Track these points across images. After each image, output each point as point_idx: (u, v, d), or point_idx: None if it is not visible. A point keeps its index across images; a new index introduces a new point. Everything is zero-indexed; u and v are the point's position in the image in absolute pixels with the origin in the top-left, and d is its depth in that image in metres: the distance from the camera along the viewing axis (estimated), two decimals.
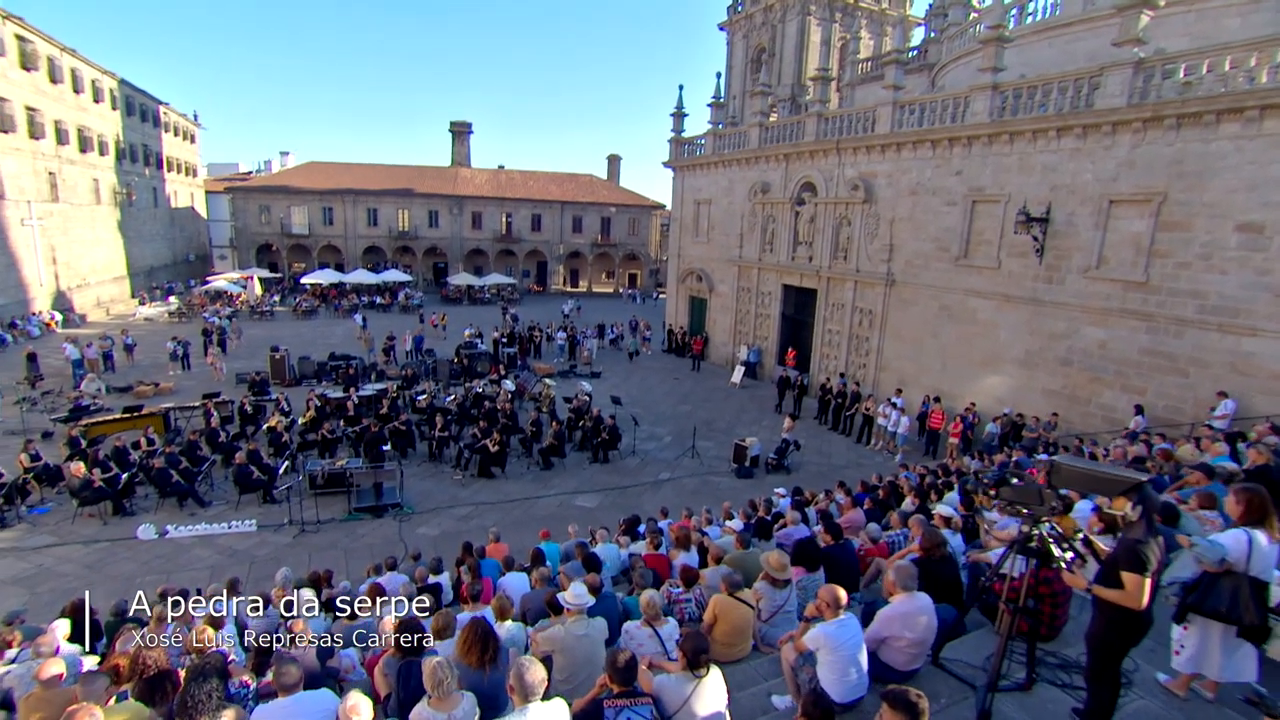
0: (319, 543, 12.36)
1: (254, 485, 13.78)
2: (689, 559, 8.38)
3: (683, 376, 27.86)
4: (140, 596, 7.41)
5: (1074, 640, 4.95)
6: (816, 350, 24.50)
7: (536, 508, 14.35)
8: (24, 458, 13.77)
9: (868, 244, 21.72)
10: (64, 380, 22.30)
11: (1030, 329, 16.92)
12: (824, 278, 23.67)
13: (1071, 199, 15.37)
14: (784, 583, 5.62)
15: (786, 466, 17.19)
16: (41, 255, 32.68)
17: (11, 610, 8.35)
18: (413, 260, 54.15)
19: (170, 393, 21.84)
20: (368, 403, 19.33)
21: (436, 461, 16.59)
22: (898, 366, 21.15)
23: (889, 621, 4.39)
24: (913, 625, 4.31)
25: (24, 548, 11.74)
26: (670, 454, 18.05)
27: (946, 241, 18.97)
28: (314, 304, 41.70)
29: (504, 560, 9.87)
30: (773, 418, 22.08)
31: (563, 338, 30.26)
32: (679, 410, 22.53)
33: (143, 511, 13.27)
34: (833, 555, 6.48)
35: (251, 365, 25.19)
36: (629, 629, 5.05)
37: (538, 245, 56.05)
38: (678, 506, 14.59)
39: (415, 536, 12.77)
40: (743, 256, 27.78)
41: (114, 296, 39.70)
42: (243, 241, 52.58)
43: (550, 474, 16.23)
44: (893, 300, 21.13)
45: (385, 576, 8.70)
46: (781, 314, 26.59)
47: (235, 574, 11.03)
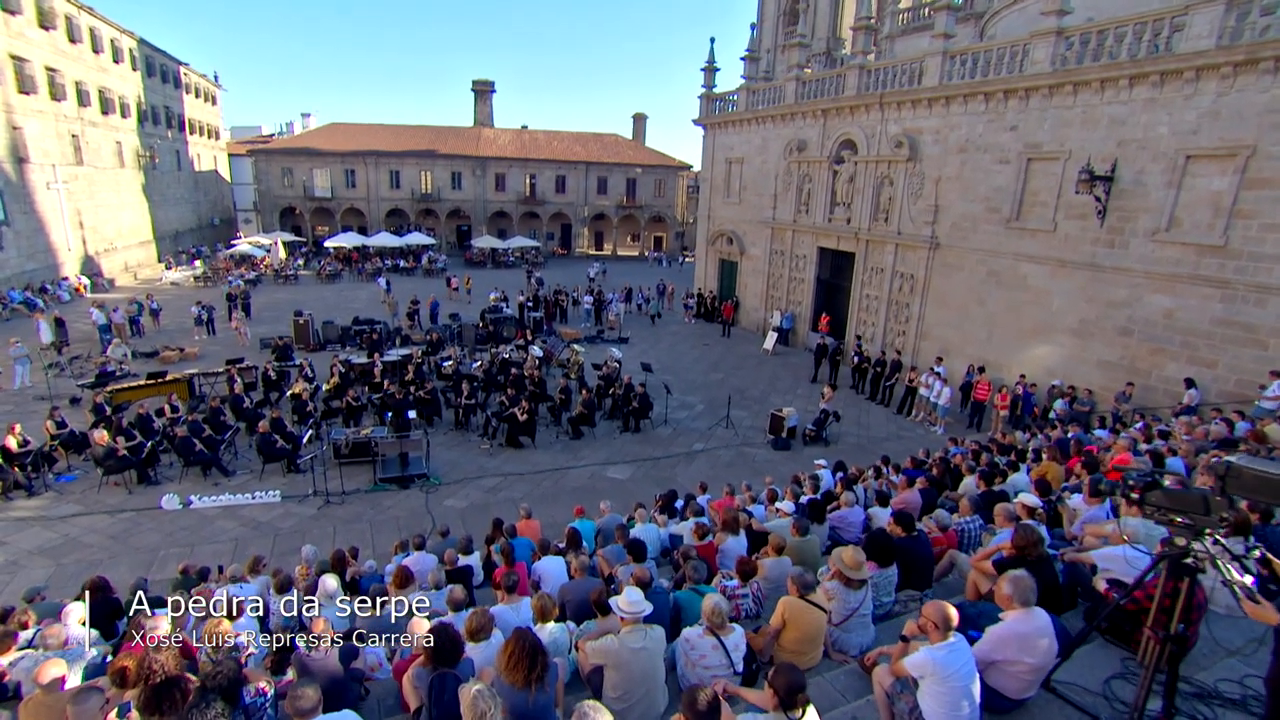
0: (344, 515, 12.01)
1: (278, 454, 13.44)
2: (737, 544, 7.81)
3: (713, 342, 27.11)
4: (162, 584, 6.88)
5: (1205, 662, 4.30)
6: (853, 316, 23.57)
7: (566, 479, 13.87)
8: (50, 424, 13.57)
9: (911, 205, 20.61)
10: (92, 345, 22.20)
11: (1087, 296, 15.88)
12: (863, 240, 22.62)
13: (1141, 155, 14.20)
14: (859, 583, 4.99)
15: (825, 438, 16.51)
16: (68, 220, 32.62)
17: (32, 586, 8.06)
18: (436, 223, 53.54)
19: (195, 358, 21.65)
20: (392, 368, 18.92)
21: (463, 430, 16.15)
22: (939, 334, 20.21)
23: (1002, 643, 3.75)
24: (1032, 648, 3.66)
25: (51, 516, 11.54)
26: (703, 424, 17.44)
27: (997, 202, 17.84)
28: (338, 268, 41.39)
29: (538, 540, 9.41)
30: (807, 386, 21.35)
31: (589, 302, 29.57)
32: (710, 378, 21.85)
33: (167, 480, 13.03)
34: (907, 549, 5.83)
35: (275, 330, 24.92)
36: (689, 638, 4.47)
37: (562, 207, 55.07)
38: (713, 479, 14.07)
39: (442, 509, 12.38)
40: (776, 218, 26.72)
41: (141, 261, 39.71)
42: (266, 205, 52.29)
43: (580, 444, 15.72)
44: (936, 265, 20.10)
45: (413, 557, 8.25)
46: (816, 278, 25.61)
47: (259, 548, 10.76)
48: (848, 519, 8.72)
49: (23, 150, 28.68)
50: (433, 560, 8.39)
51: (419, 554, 8.32)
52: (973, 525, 7.26)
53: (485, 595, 8.05)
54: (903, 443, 16.74)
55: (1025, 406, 15.84)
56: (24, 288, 28.79)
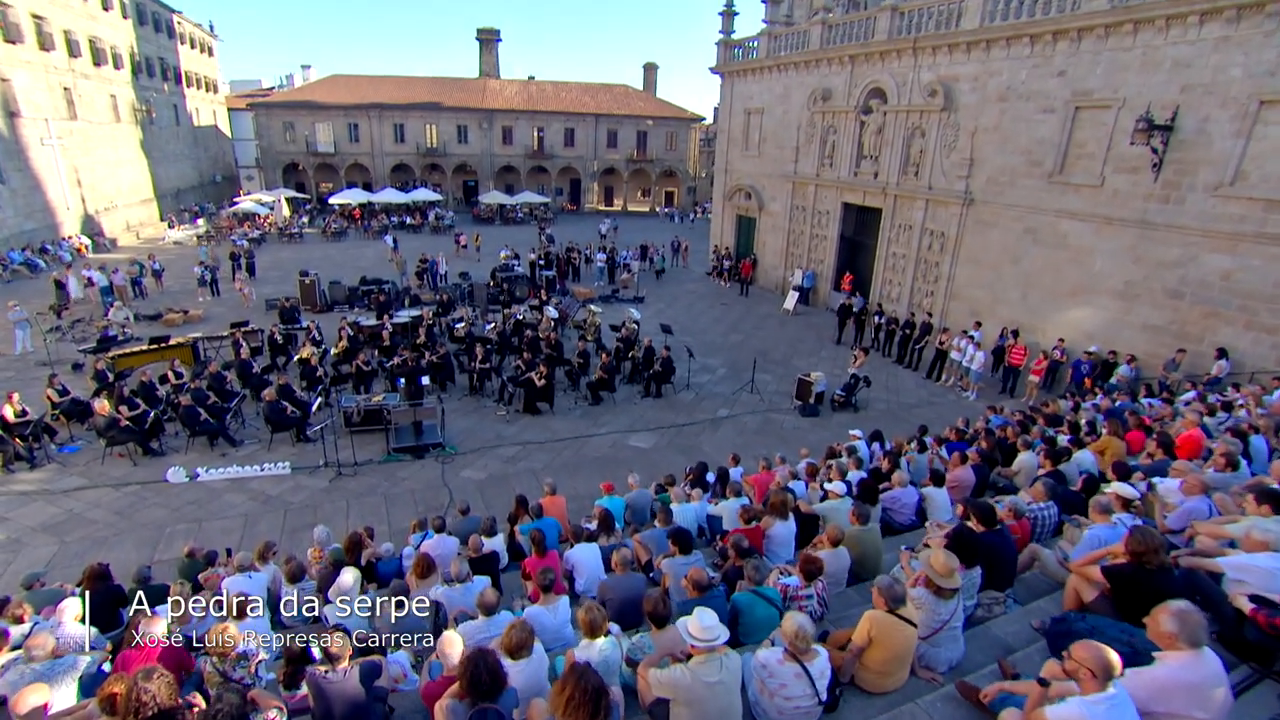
0: (356, 488, 11.48)
1: (287, 423, 12.88)
2: (786, 529, 7.20)
3: (731, 302, 26.27)
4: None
5: None
6: (878, 276, 22.64)
7: (588, 448, 13.29)
8: (50, 393, 13.03)
9: (943, 158, 19.50)
10: (93, 308, 21.59)
11: (1134, 256, 14.94)
12: (890, 196, 21.55)
13: (1207, 101, 13.10)
14: (951, 592, 4.35)
15: (854, 404, 15.83)
16: (65, 177, 31.72)
17: (31, 572, 7.54)
18: (442, 178, 52.25)
19: (200, 320, 21.05)
20: (402, 331, 18.26)
21: (478, 395, 15.55)
22: (970, 295, 19.32)
23: (1165, 693, 3.08)
24: (1205, 701, 3.00)
25: (54, 490, 11.06)
26: (726, 388, 16.77)
27: (1039, 155, 16.75)
28: (343, 225, 40.43)
29: (564, 518, 8.85)
30: (831, 348, 20.60)
31: (602, 260, 28.65)
32: (730, 339, 21.11)
33: (173, 451, 12.51)
34: (992, 546, 5.18)
35: (281, 290, 24.23)
36: (767, 663, 3.84)
37: (571, 161, 53.57)
38: (741, 448, 13.44)
39: (459, 480, 11.83)
40: (798, 172, 25.57)
41: (143, 220, 38.86)
42: (268, 161, 51.02)
43: (599, 410, 15.10)
44: (969, 221, 19.08)
45: (433, 540, 7.69)
46: (840, 235, 24.59)
47: (269, 525, 10.28)
48: (900, 500, 8.11)
49: (13, 104, 27.65)
50: (454, 544, 7.84)
51: (439, 537, 7.76)
52: (1047, 512, 6.60)
53: (511, 581, 7.51)
54: (934, 409, 16.08)
55: (1076, 375, 15.00)
56: (24, 248, 28.09)
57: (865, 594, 6.22)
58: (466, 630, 5.02)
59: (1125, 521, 5.18)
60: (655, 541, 7.03)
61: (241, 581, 6.64)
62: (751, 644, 5.18)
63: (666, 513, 7.09)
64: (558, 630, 5.42)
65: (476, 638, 5.00)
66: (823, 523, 7.77)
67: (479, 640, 4.98)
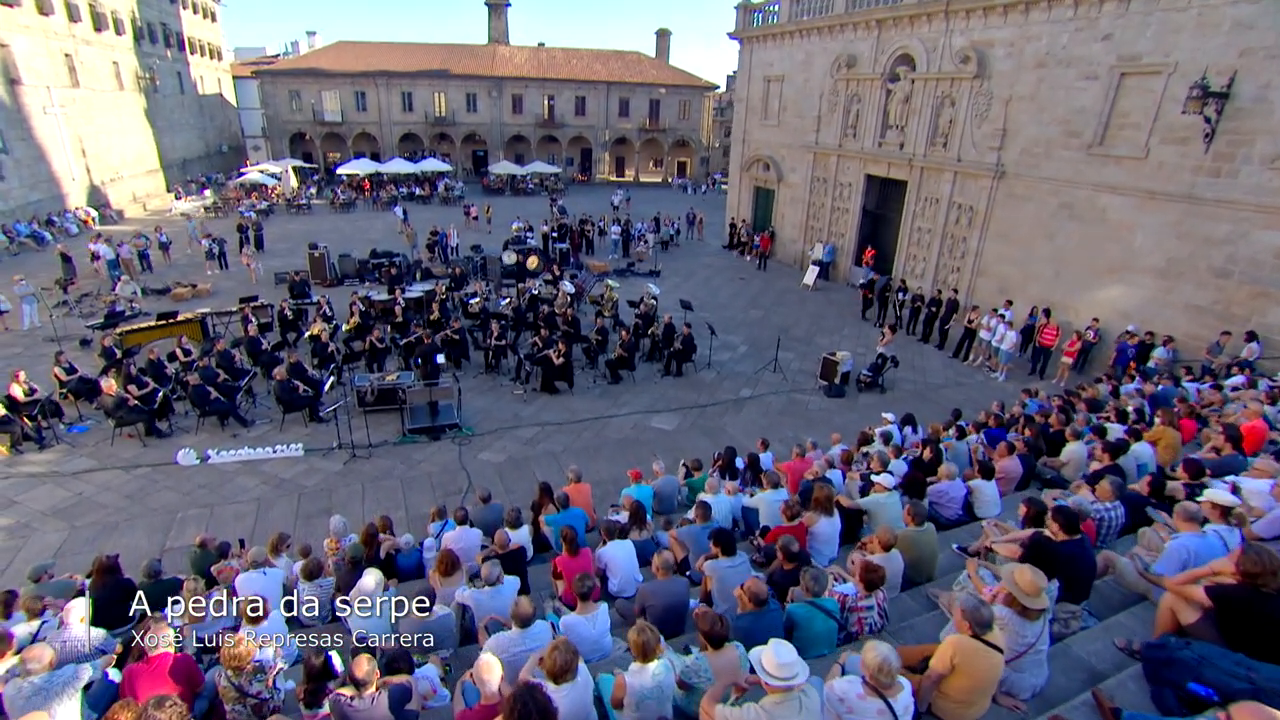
0: (372, 471, 11.13)
1: (299, 403, 12.51)
2: (830, 526, 6.79)
3: (749, 276, 25.65)
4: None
5: None
6: (902, 250, 21.96)
7: (608, 429, 12.88)
8: (58, 370, 12.69)
9: (974, 128, 18.70)
10: (101, 282, 21.22)
11: (1179, 232, 14.25)
12: (917, 168, 20.79)
13: (1269, 67, 12.30)
14: (1038, 613, 3.92)
15: (881, 385, 15.33)
16: (70, 147, 31.18)
17: (39, 564, 7.24)
18: (451, 148, 51.36)
19: (208, 295, 20.64)
20: (415, 306, 17.82)
21: (493, 373, 15.14)
22: (999, 272, 18.66)
23: None
24: None
25: (63, 473, 10.75)
26: (748, 367, 16.29)
27: (1077, 125, 15.97)
28: (351, 196, 39.80)
29: (589, 506, 8.47)
30: (854, 326, 20.04)
31: (617, 232, 27.99)
32: (750, 315, 20.57)
33: (182, 432, 12.18)
34: (1073, 558, 4.73)
35: (290, 263, 23.78)
36: (845, 696, 3.42)
37: (582, 131, 52.52)
38: (765, 429, 13.07)
39: (477, 463, 11.46)
40: (819, 142, 24.76)
41: (149, 191, 38.34)
42: (274, 130, 50.24)
43: (619, 389, 14.67)
44: (1000, 195, 18.34)
45: (455, 533, 7.31)
46: (862, 208, 23.85)
47: (282, 510, 9.95)
48: (948, 494, 7.66)
49: (13, 70, 27.01)
50: (477, 536, 7.47)
51: (461, 529, 7.38)
52: (1113, 514, 6.15)
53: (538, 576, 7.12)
54: (963, 390, 15.58)
55: (1121, 358, 14.37)
56: (30, 220, 27.69)
57: (921, 600, 5.82)
58: (500, 643, 4.64)
59: (1222, 533, 4.72)
60: (692, 539, 6.63)
61: (256, 579, 6.30)
62: (809, 658, 4.79)
63: (704, 509, 6.66)
64: (596, 641, 5.05)
65: (512, 650, 4.62)
66: (867, 518, 7.38)
67: (514, 654, 4.61)
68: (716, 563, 5.65)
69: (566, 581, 6.19)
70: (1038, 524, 5.84)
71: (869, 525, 7.38)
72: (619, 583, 6.30)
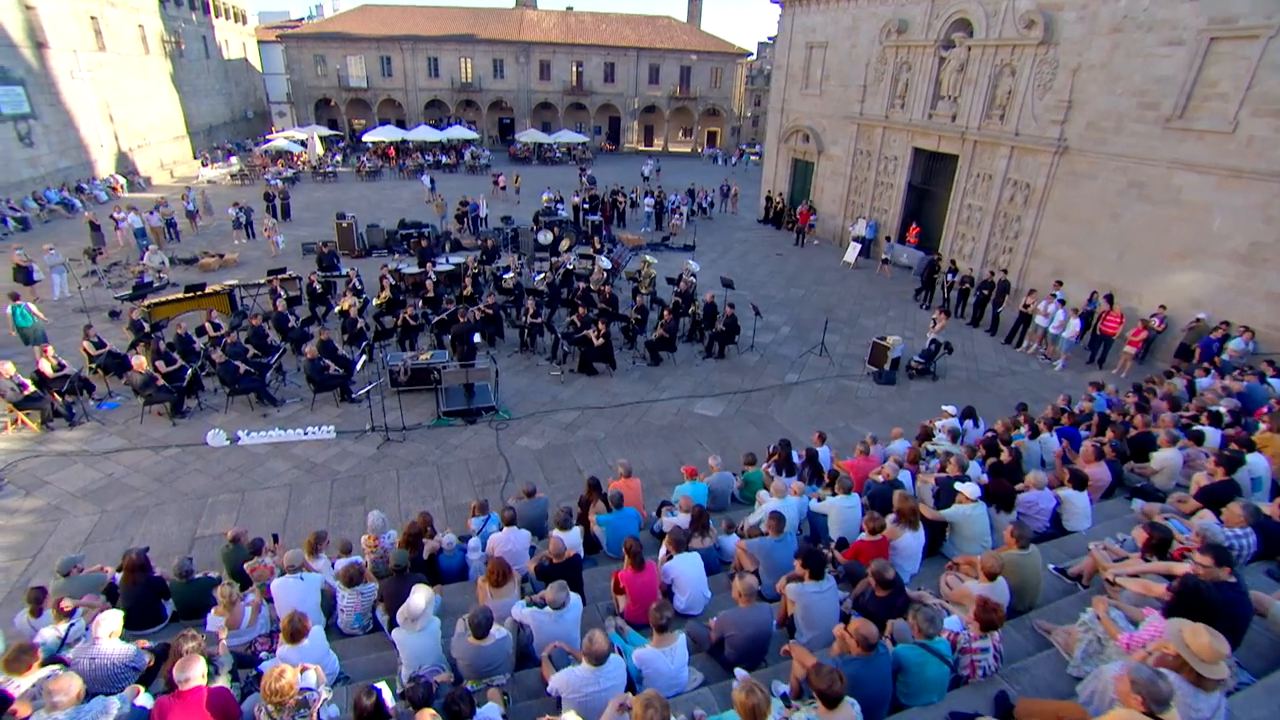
0: (406, 455, 10.67)
1: (330, 383, 12.06)
2: (915, 541, 6.18)
3: (786, 252, 24.74)
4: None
5: None
6: (949, 229, 20.91)
7: (651, 415, 12.30)
8: (87, 345, 12.36)
9: (1036, 100, 17.52)
10: (129, 251, 20.95)
11: (1267, 214, 13.20)
12: (969, 141, 19.65)
13: None
14: (1215, 683, 3.29)
15: (933, 373, 14.56)
16: (98, 112, 30.86)
17: (68, 557, 6.86)
18: (477, 115, 50.46)
19: (235, 265, 20.30)
20: (447, 280, 17.29)
21: (528, 352, 14.59)
22: (1055, 253, 17.63)
23: None
24: None
25: (93, 452, 10.43)
26: (792, 349, 15.58)
27: (1155, 96, 14.81)
28: (377, 164, 39.19)
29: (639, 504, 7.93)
30: (899, 307, 19.17)
31: (650, 204, 27.13)
32: (791, 294, 19.76)
33: (211, 410, 11.79)
34: (1230, 605, 4.07)
35: (316, 233, 23.37)
36: None
37: (610, 98, 51.26)
38: (814, 418, 12.46)
39: (515, 450, 10.96)
40: (864, 113, 23.61)
41: (176, 158, 38.07)
42: (299, 96, 49.64)
43: (659, 371, 14.06)
44: (1061, 172, 17.23)
45: (503, 535, 6.80)
46: (907, 183, 22.77)
47: (315, 496, 9.53)
48: (1037, 505, 6.99)
49: (40, 34, 26.61)
50: (525, 539, 6.96)
51: (509, 531, 6.86)
52: (1245, 541, 5.45)
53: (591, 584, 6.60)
54: (1017, 379, 14.77)
55: (1205, 352, 13.37)
56: (60, 187, 27.51)
57: (1027, 634, 5.19)
58: (571, 682, 4.12)
59: None
60: (765, 554, 6.04)
61: (293, 586, 5.84)
62: (918, 704, 4.22)
63: (778, 520, 6.04)
64: (674, 676, 4.51)
65: (584, 691, 4.10)
66: (950, 530, 6.75)
67: (588, 695, 4.09)
68: (803, 587, 5.07)
69: (630, 598, 5.67)
70: (1161, 553, 5.19)
71: (951, 538, 6.76)
72: (687, 600, 5.76)
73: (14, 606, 7.35)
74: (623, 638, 5.43)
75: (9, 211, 23.72)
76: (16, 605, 7.34)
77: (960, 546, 6.62)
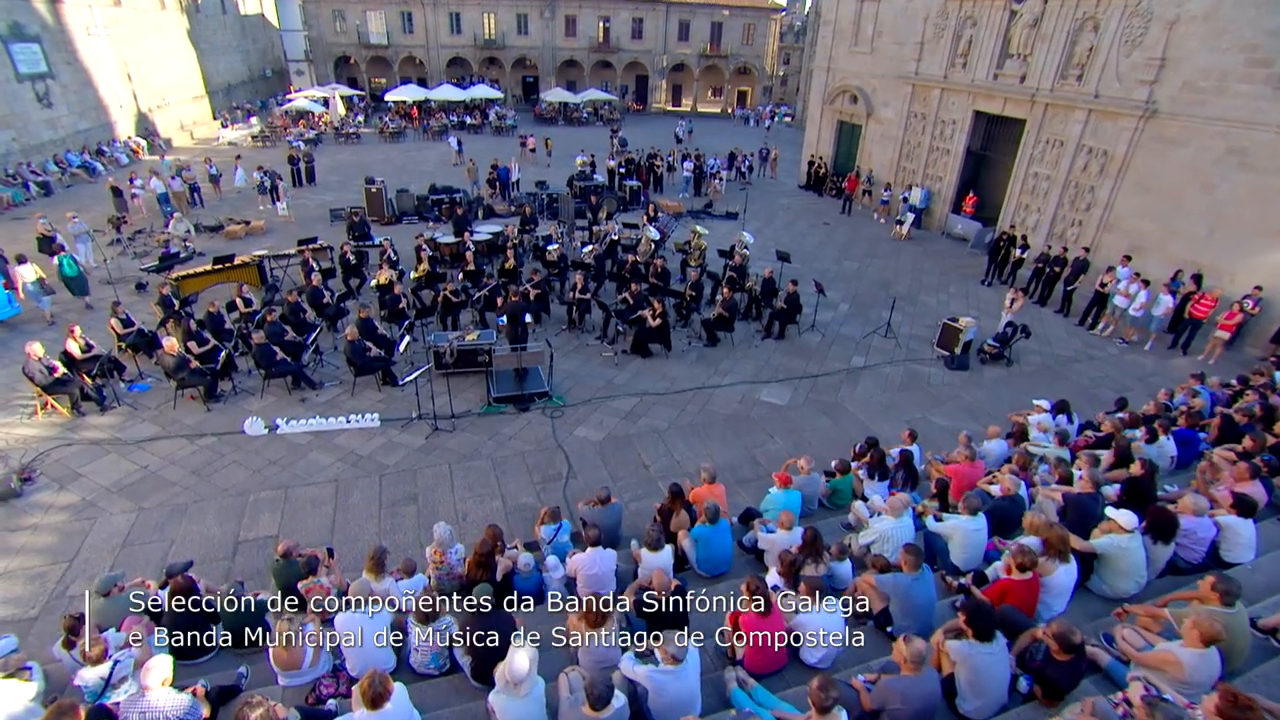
0: (457, 447, 9.93)
1: (372, 365, 11.31)
2: (1067, 576, 5.34)
3: (833, 221, 23.53)
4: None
5: None
6: (1011, 199, 19.60)
7: (714, 402, 11.45)
8: (115, 323, 11.69)
9: (1122, 58, 16.06)
10: (153, 217, 20.21)
11: None
12: (1040, 104, 18.23)
13: None
14: None
15: (1008, 358, 13.55)
16: (116, 71, 29.89)
17: (107, 576, 6.23)
18: (500, 74, 48.89)
19: (262, 232, 19.51)
20: (487, 250, 16.41)
21: (576, 330, 13.75)
22: (1133, 227, 16.37)
23: None
24: None
25: (126, 440, 9.80)
26: (854, 329, 14.61)
27: (1269, 52, 13.39)
28: (400, 125, 37.99)
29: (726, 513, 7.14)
30: (960, 283, 18.03)
31: (689, 168, 25.86)
32: (844, 267, 18.69)
33: (245, 393, 11.10)
34: None
35: (342, 198, 22.55)
36: None
37: (638, 56, 49.40)
38: (887, 407, 11.62)
39: (574, 441, 10.19)
40: (920, 72, 22.10)
41: (196, 119, 37.10)
42: (318, 53, 48.26)
43: (716, 353, 13.18)
44: (1146, 138, 15.87)
45: (587, 557, 6.05)
46: (966, 150, 21.38)
47: (364, 494, 8.83)
48: (1196, 534, 6.09)
49: None
50: (612, 560, 6.22)
51: (594, 553, 6.11)
52: None
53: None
54: (1096, 365, 13.75)
55: None
56: (81, 150, 26.74)
57: None
58: None
59: None
60: (901, 594, 5.22)
61: (360, 624, 5.12)
62: None
63: (915, 554, 5.20)
64: None
65: None
66: (1099, 561, 5.89)
67: None
68: (970, 647, 4.27)
69: (752, 646, 4.90)
70: None
71: (1099, 572, 5.89)
72: (820, 656, 4.97)
73: (51, 620, 6.79)
74: (747, 692, 4.69)
75: (31, 176, 23.03)
76: (55, 620, 6.77)
77: (1111, 583, 5.78)
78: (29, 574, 7.42)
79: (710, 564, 6.70)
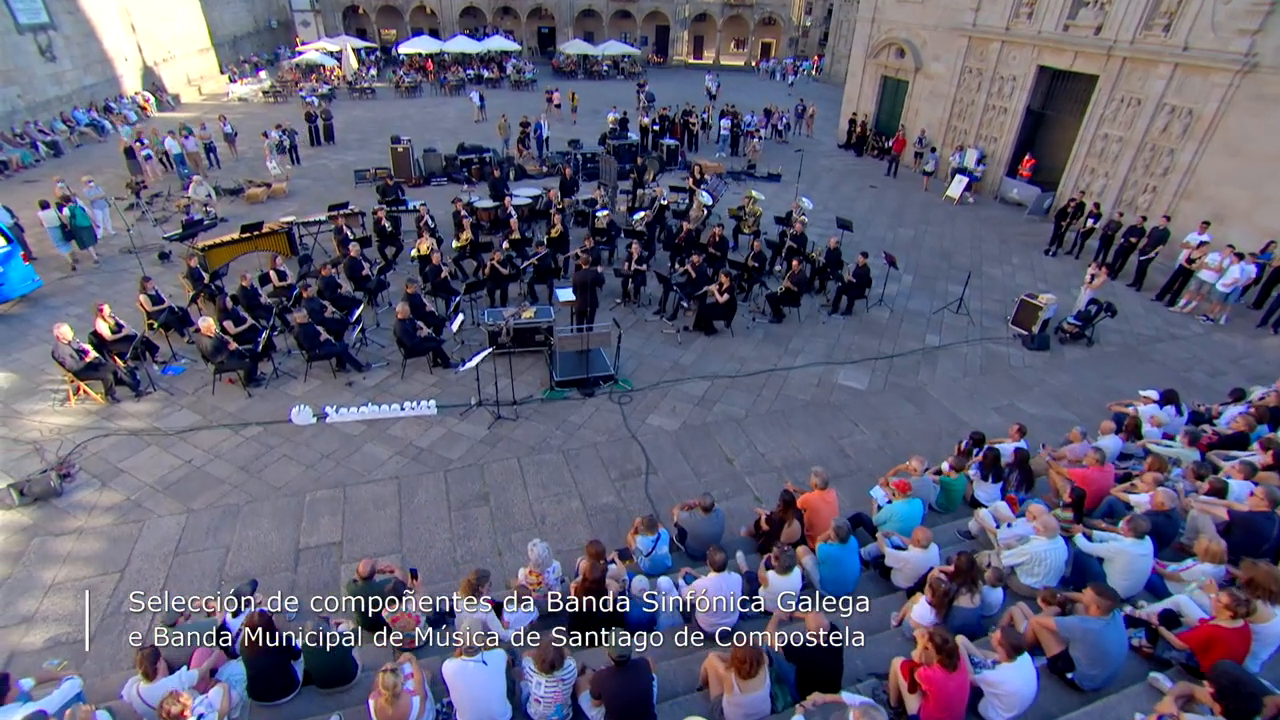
0: (524, 439, 9.18)
1: (423, 346, 10.54)
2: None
3: (880, 184, 22.35)
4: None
5: None
6: (1075, 162, 18.30)
7: (789, 386, 10.65)
8: (143, 299, 10.90)
9: (1220, 4, 14.69)
10: (170, 179, 19.27)
11: None
12: (1116, 59, 16.83)
13: None
14: None
15: (1089, 338, 12.65)
16: (118, 21, 28.50)
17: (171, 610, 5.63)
18: (515, 24, 46.88)
19: (284, 195, 18.56)
20: (530, 216, 15.46)
21: (631, 304, 12.90)
22: (1216, 194, 15.16)
23: None
24: None
25: (166, 431, 9.09)
26: (923, 304, 13.69)
27: None
28: (416, 79, 36.45)
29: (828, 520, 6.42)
30: (1023, 253, 16.93)
31: (727, 126, 24.53)
32: (900, 235, 17.65)
33: (288, 377, 10.36)
34: None
35: (364, 158, 21.51)
36: None
37: (659, 5, 47.22)
38: (970, 391, 10.89)
39: (647, 431, 9.44)
40: (978, 23, 20.60)
41: (203, 73, 35.68)
42: (326, 3, 46.24)
43: (784, 331, 12.32)
44: (1242, 95, 14.52)
45: (712, 582, 5.35)
46: (1025, 109, 20.03)
47: (430, 492, 8.12)
48: None
49: None
50: (738, 584, 5.52)
51: (719, 578, 5.40)
52: None
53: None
54: (1181, 345, 12.82)
55: None
56: (88, 106, 25.59)
57: None
58: None
59: None
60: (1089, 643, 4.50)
61: (474, 675, 4.44)
62: None
63: (1107, 597, 4.46)
64: None
65: None
66: None
67: None
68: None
69: (934, 704, 4.20)
70: None
71: None
72: (1010, 716, 4.27)
73: (109, 641, 6.19)
74: None
75: (39, 135, 21.99)
76: (111, 641, 6.19)
77: None
78: (78, 586, 6.79)
79: (836, 585, 5.99)
